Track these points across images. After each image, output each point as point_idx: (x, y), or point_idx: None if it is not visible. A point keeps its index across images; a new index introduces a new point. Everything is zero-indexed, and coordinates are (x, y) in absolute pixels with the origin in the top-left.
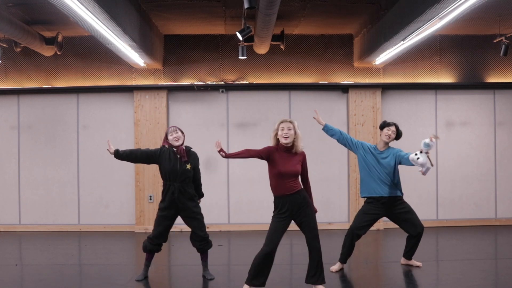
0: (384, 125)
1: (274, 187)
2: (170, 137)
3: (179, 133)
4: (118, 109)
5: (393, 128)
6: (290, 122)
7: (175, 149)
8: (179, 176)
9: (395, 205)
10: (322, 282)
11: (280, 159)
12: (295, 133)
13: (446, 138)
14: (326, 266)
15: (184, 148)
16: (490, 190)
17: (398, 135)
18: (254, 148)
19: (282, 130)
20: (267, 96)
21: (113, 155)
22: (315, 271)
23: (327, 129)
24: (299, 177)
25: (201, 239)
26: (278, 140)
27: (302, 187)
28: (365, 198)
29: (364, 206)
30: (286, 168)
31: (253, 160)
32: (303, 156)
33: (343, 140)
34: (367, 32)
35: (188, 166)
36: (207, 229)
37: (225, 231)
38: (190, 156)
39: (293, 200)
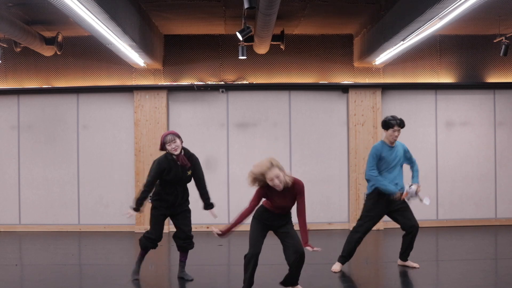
0: (389, 125)
1: (266, 204)
2: (169, 147)
3: (178, 141)
4: (118, 109)
5: (398, 129)
6: (274, 168)
7: (175, 157)
8: (182, 182)
9: (394, 203)
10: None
11: (273, 193)
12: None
13: (446, 138)
14: (326, 266)
15: (184, 155)
16: (490, 190)
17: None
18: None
19: (272, 181)
20: (267, 96)
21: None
22: (297, 275)
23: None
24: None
25: (185, 237)
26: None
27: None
28: (368, 195)
29: (369, 203)
30: (280, 203)
31: (253, 160)
32: (299, 189)
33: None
34: (367, 32)
35: (189, 173)
36: (207, 229)
37: None
38: (192, 161)
39: (277, 219)
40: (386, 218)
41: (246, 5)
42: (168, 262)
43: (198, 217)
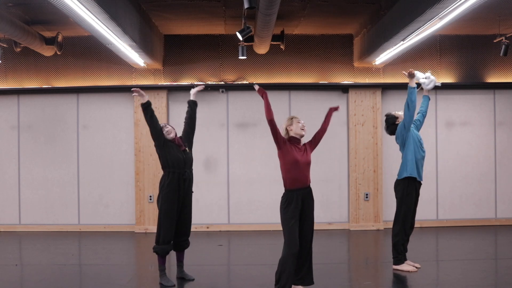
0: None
1: (290, 179)
2: (164, 133)
3: (169, 127)
4: (118, 109)
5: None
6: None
7: (171, 139)
8: (187, 163)
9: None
10: (312, 282)
11: (294, 149)
12: None
13: (446, 138)
14: (326, 266)
15: (180, 137)
16: (490, 190)
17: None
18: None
19: (299, 123)
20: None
21: (144, 101)
22: (308, 272)
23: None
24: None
25: (184, 234)
26: (287, 133)
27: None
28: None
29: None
30: (303, 157)
31: (253, 160)
32: (307, 145)
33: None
34: (367, 32)
35: (187, 149)
36: (207, 229)
37: (225, 231)
38: (184, 140)
39: (304, 194)
40: (386, 218)
41: (246, 5)
42: (168, 262)
43: (198, 217)
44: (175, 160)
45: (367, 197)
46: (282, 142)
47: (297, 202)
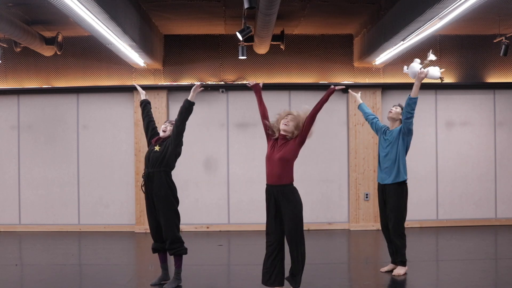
0: None
1: (266, 173)
2: (162, 125)
3: (169, 128)
4: (118, 109)
5: (394, 107)
6: (292, 114)
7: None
8: (150, 161)
9: (385, 193)
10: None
11: (273, 145)
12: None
13: (446, 138)
14: (326, 266)
15: (160, 138)
16: (490, 190)
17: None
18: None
19: (286, 118)
20: (267, 96)
21: (142, 98)
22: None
23: (361, 109)
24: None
25: (165, 239)
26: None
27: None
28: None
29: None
30: (275, 153)
31: (253, 160)
32: (292, 139)
33: (371, 125)
34: (367, 32)
35: (157, 148)
36: (207, 229)
37: (225, 231)
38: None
39: (278, 192)
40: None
41: (246, 5)
42: (168, 262)
43: (198, 217)
44: (145, 159)
45: (367, 197)
46: (268, 138)
47: (271, 197)
